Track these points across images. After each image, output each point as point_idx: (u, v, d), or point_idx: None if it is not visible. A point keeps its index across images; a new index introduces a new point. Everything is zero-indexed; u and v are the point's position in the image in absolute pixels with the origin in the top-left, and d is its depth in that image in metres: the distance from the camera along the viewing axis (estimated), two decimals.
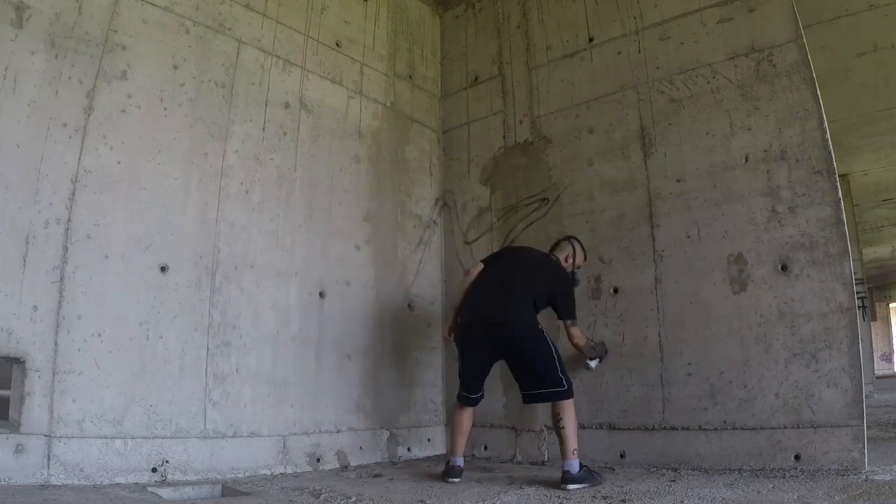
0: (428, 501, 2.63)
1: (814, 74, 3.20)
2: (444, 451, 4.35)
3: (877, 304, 19.38)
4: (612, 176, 3.88)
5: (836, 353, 2.95)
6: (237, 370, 3.29)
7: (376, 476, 3.36)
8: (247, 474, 3.20)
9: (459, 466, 3.20)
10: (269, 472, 3.29)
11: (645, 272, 3.64)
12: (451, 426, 3.36)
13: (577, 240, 3.60)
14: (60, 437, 2.61)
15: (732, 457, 3.13)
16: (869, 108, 6.52)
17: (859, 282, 8.52)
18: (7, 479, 2.42)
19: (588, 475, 2.91)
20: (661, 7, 3.83)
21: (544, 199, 4.20)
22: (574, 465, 2.90)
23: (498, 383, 4.18)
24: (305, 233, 3.78)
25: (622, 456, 3.51)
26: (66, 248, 2.76)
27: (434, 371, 4.46)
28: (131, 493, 2.57)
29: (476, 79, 4.83)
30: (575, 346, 3.46)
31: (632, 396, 3.57)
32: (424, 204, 4.69)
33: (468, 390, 3.30)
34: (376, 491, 2.92)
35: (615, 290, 3.76)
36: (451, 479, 3.12)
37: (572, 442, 2.96)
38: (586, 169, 4.01)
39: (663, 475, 3.13)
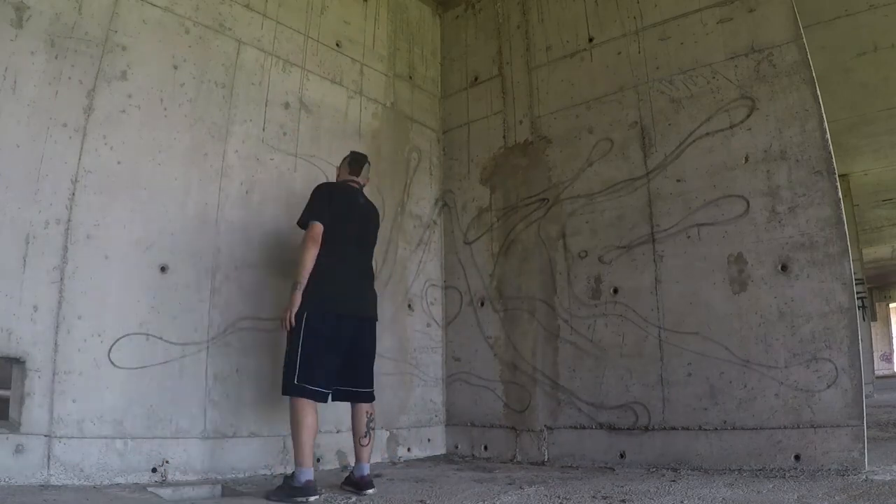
0: (428, 501, 2.63)
1: (814, 74, 3.20)
2: (444, 451, 4.35)
3: (877, 304, 19.37)
4: (612, 176, 3.87)
5: (836, 353, 2.95)
6: (237, 370, 3.29)
7: (376, 476, 3.34)
8: (247, 474, 3.20)
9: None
10: (269, 472, 3.29)
11: (645, 272, 3.64)
12: (303, 429, 2.73)
13: (350, 156, 3.33)
14: (60, 438, 2.61)
15: (732, 457, 3.13)
16: (869, 108, 6.52)
17: (859, 282, 8.52)
18: (7, 479, 2.43)
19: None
20: (661, 7, 3.83)
21: (544, 199, 4.20)
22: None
23: (498, 384, 4.19)
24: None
25: (622, 456, 3.51)
26: (66, 248, 2.76)
27: (434, 371, 4.46)
28: (131, 494, 2.57)
29: (476, 79, 4.84)
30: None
31: (631, 396, 3.57)
32: (424, 204, 4.69)
33: (325, 383, 2.83)
34: (376, 491, 2.92)
35: (615, 290, 3.76)
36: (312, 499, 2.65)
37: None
38: (586, 169, 4.01)
39: (663, 475, 3.13)
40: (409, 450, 4.14)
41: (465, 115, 4.84)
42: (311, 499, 2.62)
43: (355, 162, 3.30)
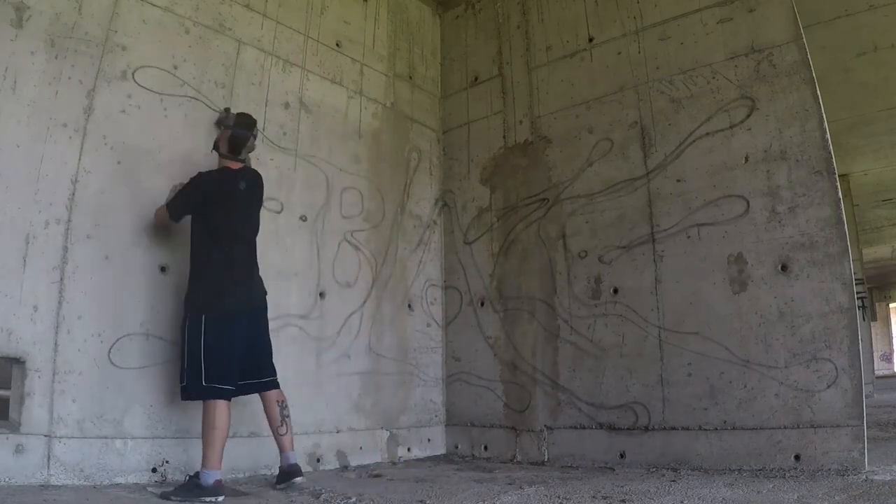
0: (428, 501, 2.63)
1: (814, 74, 3.21)
2: (444, 451, 4.35)
3: (877, 304, 19.36)
4: (612, 176, 3.87)
5: (836, 353, 2.95)
6: None
7: (376, 476, 3.36)
8: (247, 474, 3.20)
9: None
10: (269, 473, 3.29)
11: (645, 272, 3.64)
12: (217, 431, 2.67)
13: (232, 128, 2.96)
14: (60, 438, 2.61)
15: (732, 457, 3.13)
16: (869, 108, 6.52)
17: (859, 282, 8.51)
18: (7, 479, 2.42)
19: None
20: (661, 7, 3.83)
21: (544, 199, 4.20)
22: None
23: (498, 384, 4.19)
24: (305, 233, 3.78)
25: (622, 456, 3.51)
26: (66, 248, 2.76)
27: (434, 371, 4.46)
28: (131, 494, 2.57)
29: (476, 79, 4.83)
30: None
31: (631, 396, 3.57)
32: (424, 204, 4.69)
33: (231, 380, 2.79)
34: (376, 491, 2.92)
35: (615, 290, 3.76)
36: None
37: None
38: (586, 169, 4.01)
39: (663, 475, 3.13)
40: (409, 450, 4.14)
41: (465, 115, 4.83)
42: (220, 499, 2.56)
43: (238, 140, 2.96)
